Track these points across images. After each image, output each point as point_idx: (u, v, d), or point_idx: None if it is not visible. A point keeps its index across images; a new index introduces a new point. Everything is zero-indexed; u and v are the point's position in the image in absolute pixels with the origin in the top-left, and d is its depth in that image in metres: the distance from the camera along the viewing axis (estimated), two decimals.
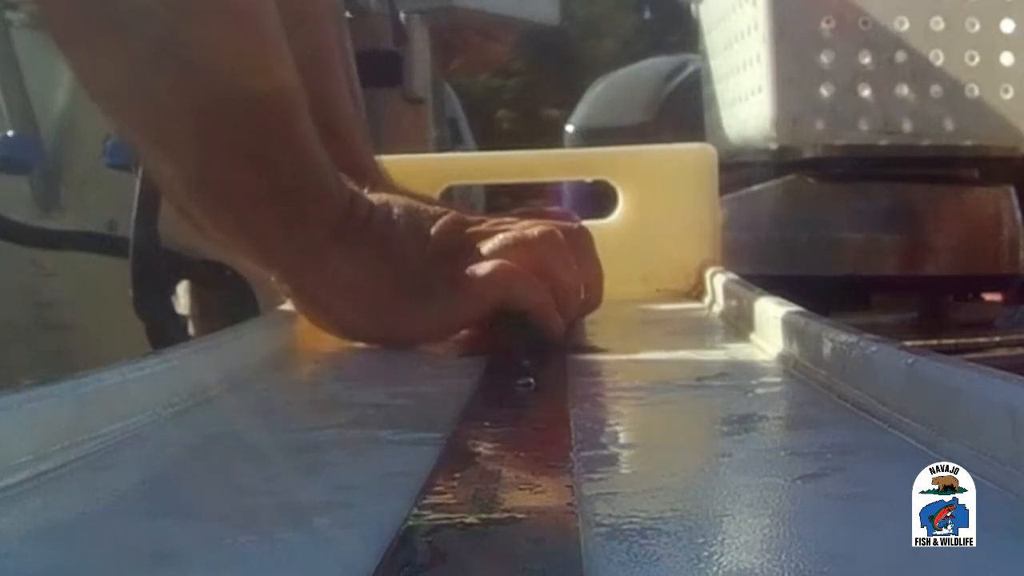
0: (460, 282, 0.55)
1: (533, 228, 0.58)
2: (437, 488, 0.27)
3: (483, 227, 0.58)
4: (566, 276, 0.57)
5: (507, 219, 0.59)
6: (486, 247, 0.56)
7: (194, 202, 0.53)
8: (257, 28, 0.50)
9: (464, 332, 0.57)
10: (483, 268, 0.55)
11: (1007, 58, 1.14)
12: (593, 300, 0.61)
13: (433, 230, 0.56)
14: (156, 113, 0.50)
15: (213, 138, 0.50)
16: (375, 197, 0.57)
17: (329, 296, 0.56)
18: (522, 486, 0.28)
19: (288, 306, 0.59)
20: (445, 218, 0.57)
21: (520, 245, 0.56)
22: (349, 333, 0.57)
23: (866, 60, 1.14)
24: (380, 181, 0.61)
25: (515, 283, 0.55)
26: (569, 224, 0.61)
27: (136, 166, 0.94)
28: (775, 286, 0.61)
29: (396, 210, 0.56)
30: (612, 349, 0.55)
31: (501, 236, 0.57)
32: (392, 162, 0.70)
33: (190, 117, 0.49)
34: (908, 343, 0.37)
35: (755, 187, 1.26)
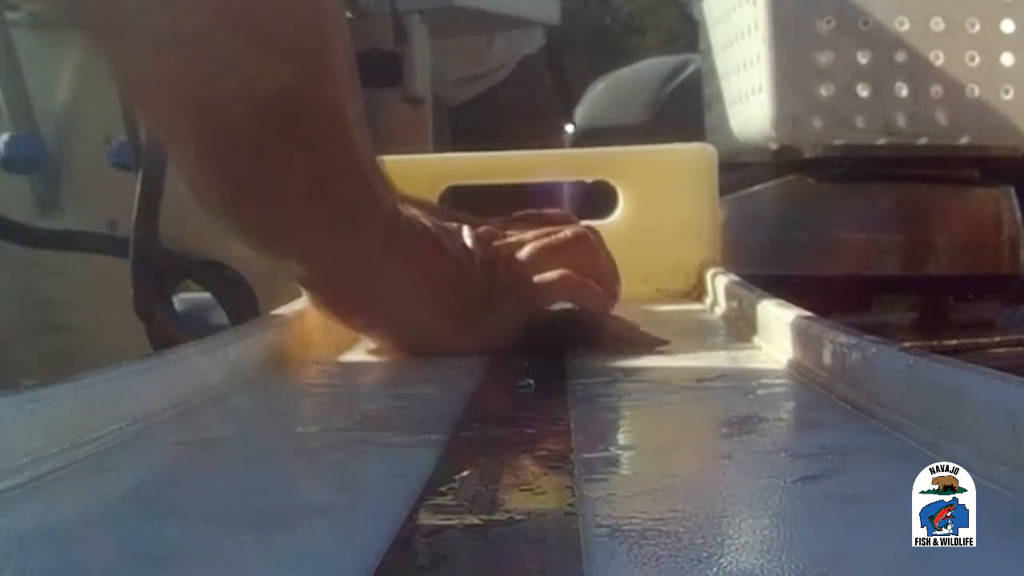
0: (523, 290, 0.55)
1: (564, 232, 0.58)
2: (437, 489, 0.27)
3: (509, 237, 0.58)
4: (605, 278, 0.58)
5: (510, 226, 0.59)
6: (524, 254, 0.56)
7: (240, 208, 0.50)
8: (309, 21, 0.49)
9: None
10: (548, 276, 0.55)
11: (1007, 58, 1.14)
12: (616, 298, 0.61)
13: (469, 240, 0.56)
14: (206, 109, 0.48)
15: (268, 135, 0.48)
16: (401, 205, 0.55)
17: (386, 307, 0.54)
18: (522, 487, 0.28)
19: (288, 307, 0.59)
20: (468, 227, 0.57)
21: (559, 251, 0.57)
22: (403, 343, 0.56)
23: (866, 60, 1.14)
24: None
25: (581, 292, 0.56)
26: (586, 224, 0.61)
27: (138, 165, 0.94)
28: (775, 286, 0.61)
29: (427, 219, 0.55)
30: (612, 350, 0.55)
31: (536, 244, 0.57)
32: (392, 162, 0.70)
33: (244, 112, 0.47)
34: (908, 343, 0.37)
35: (755, 187, 1.26)
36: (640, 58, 2.14)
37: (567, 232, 0.58)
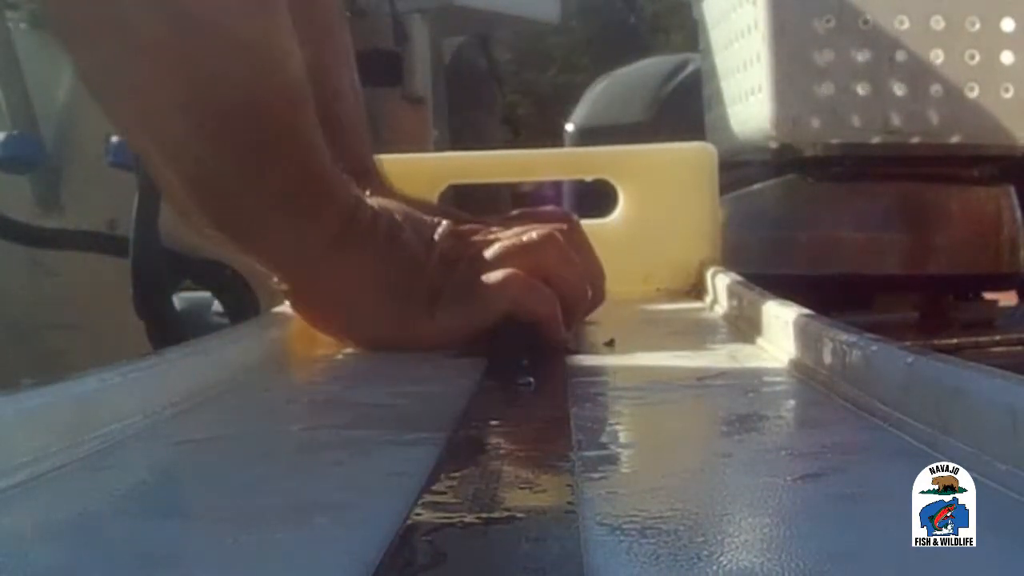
0: (470, 290, 0.54)
1: (532, 232, 0.57)
2: (437, 488, 0.27)
3: (483, 234, 0.57)
4: (572, 278, 0.58)
5: (504, 223, 0.59)
6: (489, 254, 0.56)
7: (197, 202, 0.52)
8: (266, 23, 0.50)
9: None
10: (494, 277, 0.55)
11: (1007, 57, 1.13)
12: (598, 298, 0.61)
13: (436, 237, 0.56)
14: (159, 109, 0.49)
15: (218, 136, 0.50)
16: (375, 201, 0.56)
17: (333, 300, 0.55)
18: (522, 485, 0.28)
19: (288, 307, 0.59)
20: (444, 225, 0.57)
21: (523, 252, 0.56)
22: (352, 338, 0.57)
23: (866, 59, 1.14)
24: (380, 183, 0.61)
25: (525, 293, 0.55)
26: (564, 224, 0.61)
27: (138, 165, 0.94)
28: (775, 286, 0.61)
29: (398, 216, 0.56)
30: (612, 349, 0.55)
31: (503, 243, 0.57)
32: (392, 162, 0.70)
33: (194, 114, 0.49)
34: (908, 343, 0.37)
35: (755, 187, 1.26)
36: None
37: (533, 233, 0.57)
